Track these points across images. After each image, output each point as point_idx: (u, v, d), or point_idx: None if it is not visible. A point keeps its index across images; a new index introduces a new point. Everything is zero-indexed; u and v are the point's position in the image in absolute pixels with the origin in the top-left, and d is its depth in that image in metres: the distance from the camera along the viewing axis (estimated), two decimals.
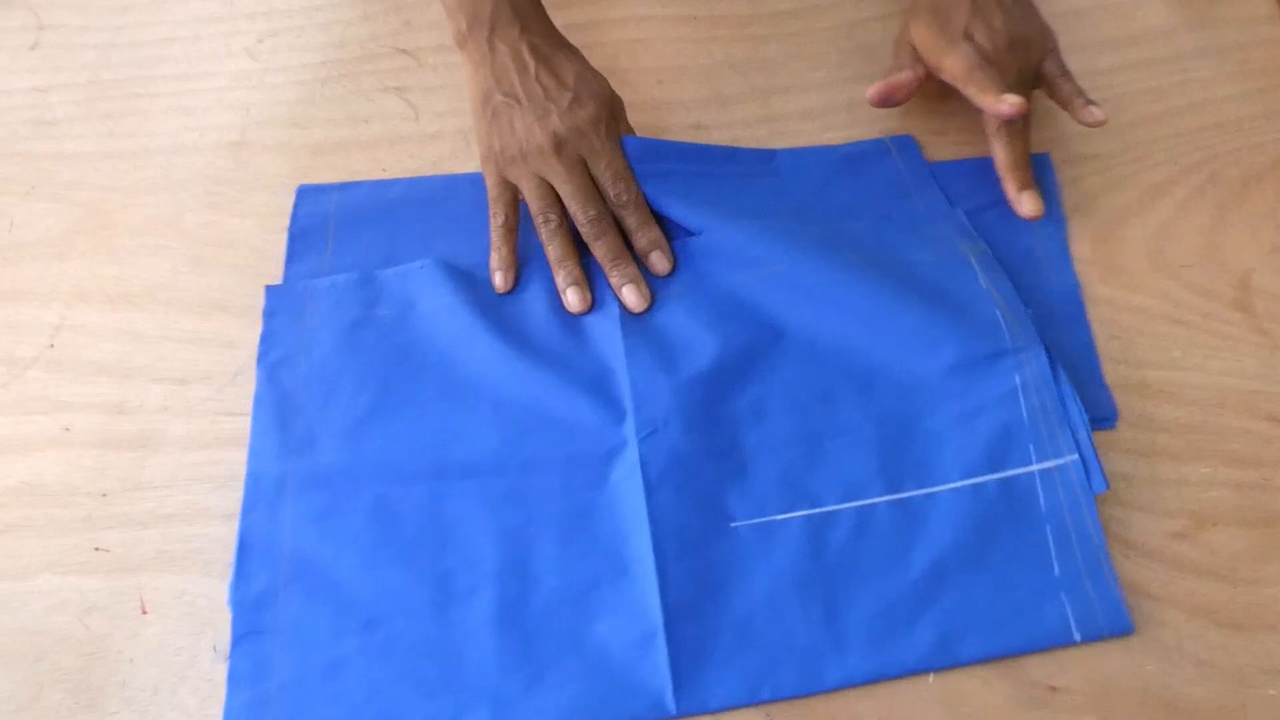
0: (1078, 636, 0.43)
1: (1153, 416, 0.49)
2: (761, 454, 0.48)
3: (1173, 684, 0.43)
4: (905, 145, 0.60)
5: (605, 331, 0.52)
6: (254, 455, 0.50)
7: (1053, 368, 0.49)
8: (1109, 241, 0.56)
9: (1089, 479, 0.46)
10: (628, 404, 0.49)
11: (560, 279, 0.54)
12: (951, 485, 0.47)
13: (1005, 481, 0.47)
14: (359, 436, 0.50)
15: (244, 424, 0.52)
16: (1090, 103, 0.55)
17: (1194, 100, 0.60)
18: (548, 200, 0.55)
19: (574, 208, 0.55)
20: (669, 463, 0.47)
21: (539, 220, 0.55)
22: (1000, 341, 0.49)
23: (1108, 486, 0.46)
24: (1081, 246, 0.56)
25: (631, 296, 0.53)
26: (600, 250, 0.54)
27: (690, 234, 0.55)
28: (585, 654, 0.44)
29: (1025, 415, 0.48)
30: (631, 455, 0.48)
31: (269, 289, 0.56)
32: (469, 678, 0.44)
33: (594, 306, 0.53)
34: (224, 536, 0.49)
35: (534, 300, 0.54)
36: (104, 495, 0.51)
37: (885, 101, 0.58)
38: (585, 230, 0.55)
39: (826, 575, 0.45)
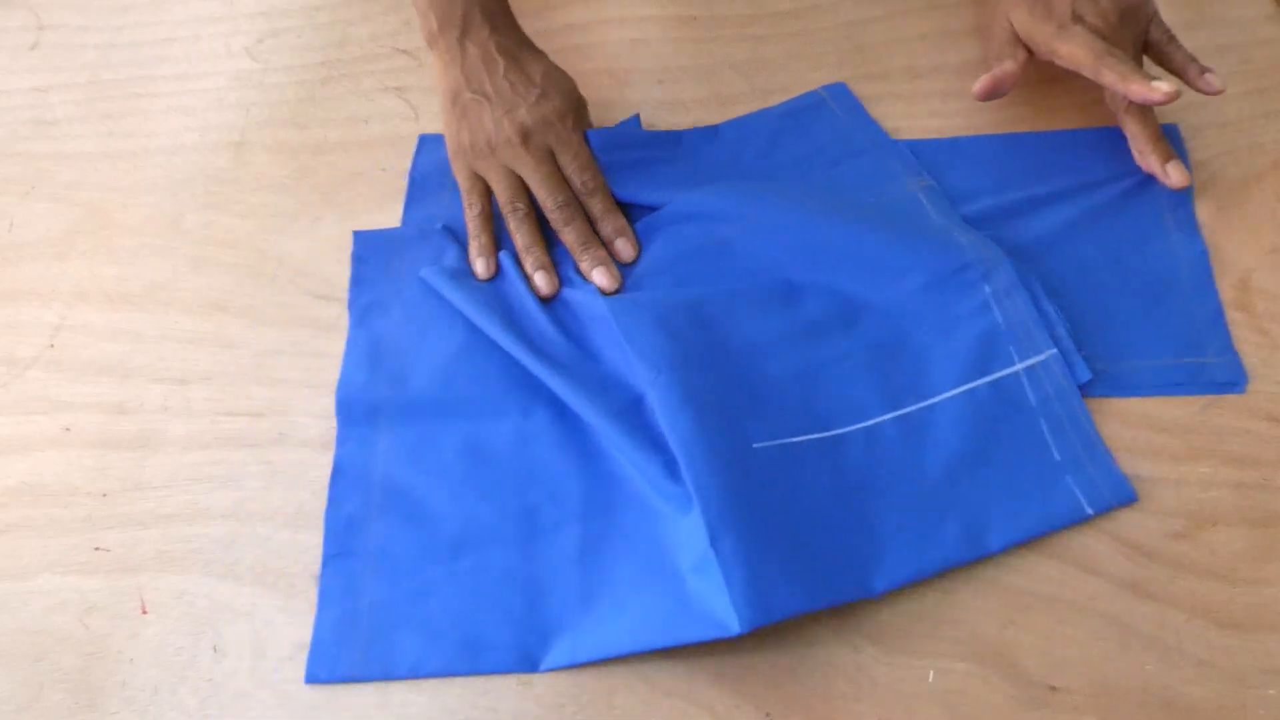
0: (1090, 510, 0.46)
1: (1153, 416, 0.49)
2: (766, 386, 0.50)
3: (1173, 684, 0.43)
4: (839, 93, 0.62)
5: (590, 304, 0.53)
6: (345, 385, 0.53)
7: (1020, 274, 0.51)
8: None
9: (1071, 370, 0.49)
10: (629, 359, 0.50)
11: (528, 264, 0.56)
12: (946, 395, 0.49)
13: (995, 383, 0.49)
14: (450, 374, 0.52)
15: (244, 424, 0.53)
16: (1206, 69, 0.55)
17: (1194, 100, 0.60)
18: (516, 190, 0.57)
19: (542, 195, 0.56)
20: (683, 397, 0.48)
21: (507, 210, 0.57)
22: (963, 256, 0.52)
23: (1090, 375, 0.49)
24: None
25: (602, 278, 0.55)
26: (569, 236, 0.56)
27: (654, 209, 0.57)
28: (659, 583, 0.45)
29: (1001, 320, 0.50)
30: (650, 397, 0.48)
31: (357, 234, 0.58)
32: (552, 608, 0.46)
33: (561, 287, 0.55)
34: (224, 536, 0.49)
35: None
36: (104, 495, 0.51)
37: (992, 94, 0.57)
38: (554, 217, 0.56)
39: (848, 492, 0.47)
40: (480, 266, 0.56)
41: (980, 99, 0.57)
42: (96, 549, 0.50)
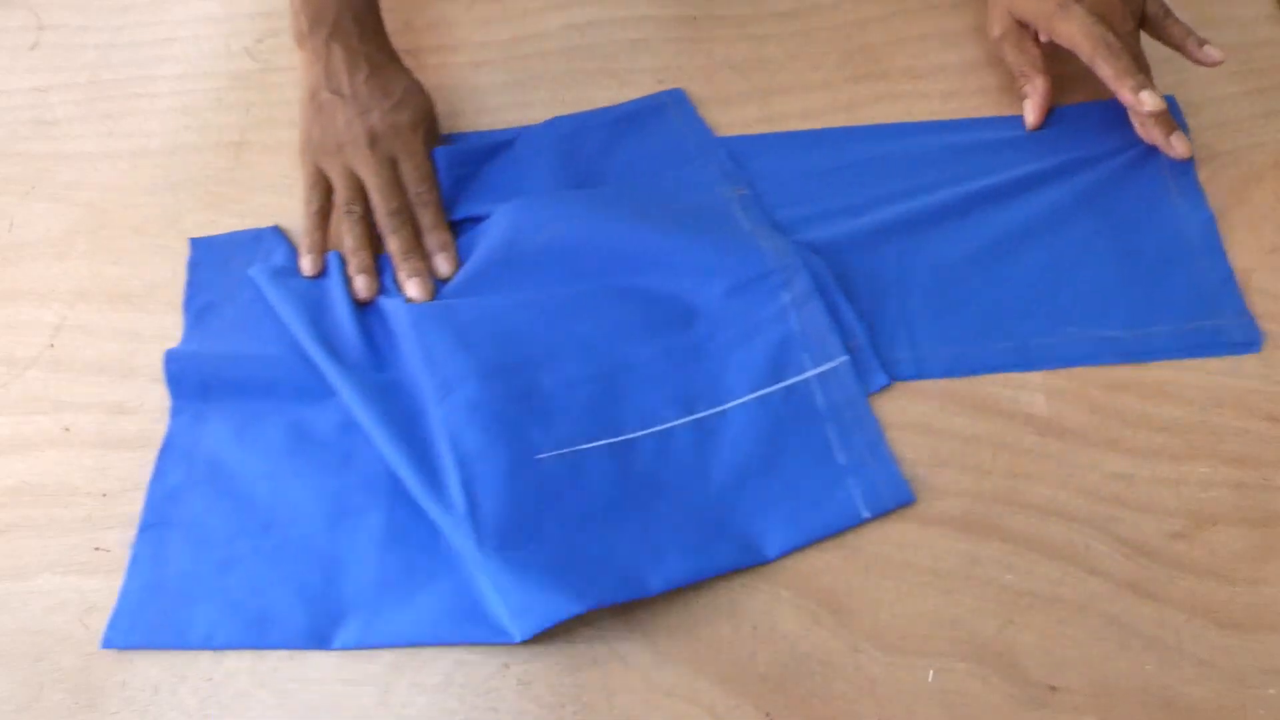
0: (865, 514, 0.47)
1: (1153, 416, 0.49)
2: (561, 394, 0.51)
3: (1172, 684, 0.43)
4: (677, 99, 0.63)
5: (399, 313, 0.54)
6: (176, 358, 0.54)
7: (818, 282, 0.52)
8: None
9: (863, 376, 0.50)
10: (423, 379, 0.51)
11: (352, 267, 0.57)
12: (739, 400, 0.50)
13: (788, 389, 0.50)
14: (281, 358, 0.53)
15: None
16: (1204, 42, 0.55)
17: (1194, 100, 0.60)
18: (354, 192, 0.58)
19: (377, 200, 0.57)
20: (470, 414, 0.49)
21: (343, 210, 0.58)
22: (764, 264, 0.53)
23: (890, 380, 0.50)
24: None
25: (415, 289, 0.55)
26: (394, 243, 0.57)
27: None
28: (453, 579, 0.47)
29: (797, 327, 0.52)
30: (438, 414, 0.50)
31: (193, 241, 0.59)
32: (348, 589, 0.47)
33: (381, 293, 0.56)
34: None
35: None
36: (104, 495, 0.51)
37: (1045, 115, 0.59)
38: (384, 222, 0.57)
39: (633, 496, 0.48)
40: (306, 263, 0.57)
41: (1035, 127, 0.58)
42: (96, 549, 0.50)
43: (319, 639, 0.46)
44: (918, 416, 0.50)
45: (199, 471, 0.51)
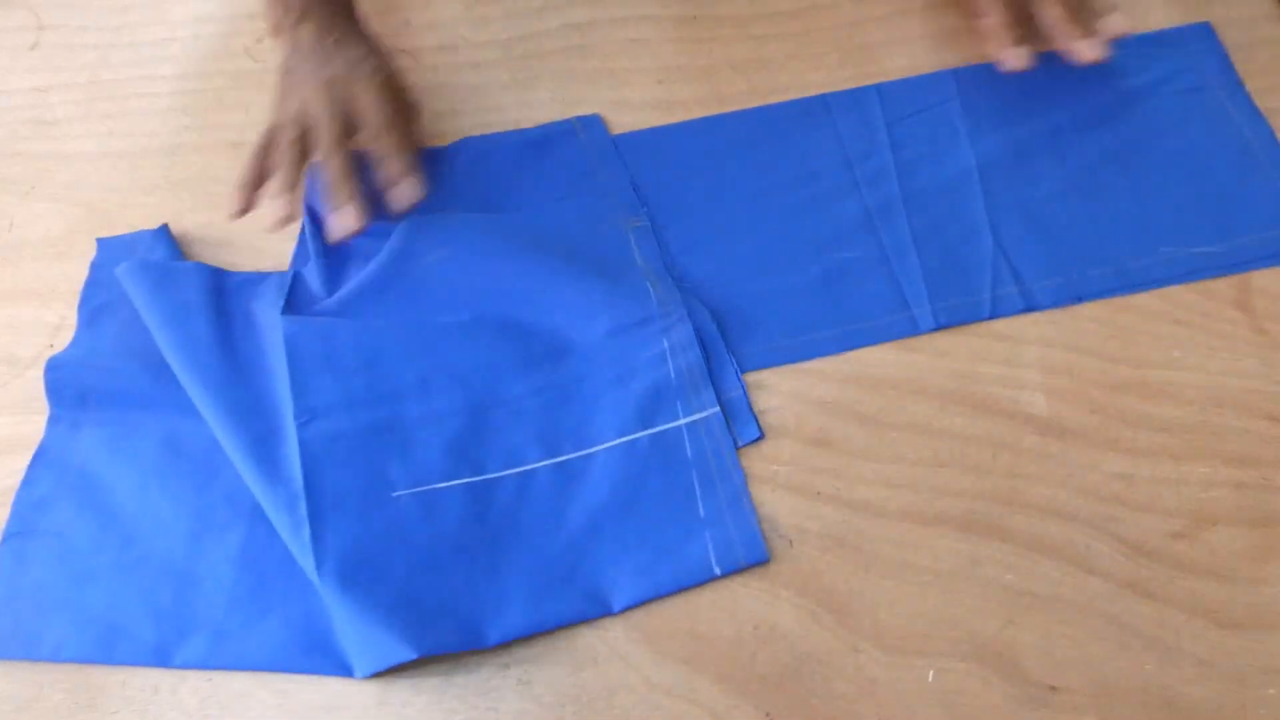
0: (717, 570, 0.46)
1: (1153, 416, 0.49)
2: (426, 427, 0.50)
3: (1172, 684, 0.43)
4: (591, 124, 0.62)
5: (274, 332, 0.53)
6: (57, 365, 0.53)
7: (699, 332, 0.52)
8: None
9: (733, 428, 0.50)
10: (287, 396, 0.50)
11: (274, 186, 0.55)
12: (606, 444, 0.50)
13: (656, 436, 0.50)
14: (161, 371, 0.52)
15: None
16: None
17: None
18: (300, 129, 0.56)
19: (319, 131, 0.56)
20: (329, 445, 0.49)
21: (285, 143, 0.56)
22: (649, 308, 0.53)
23: (761, 434, 0.50)
24: None
25: (347, 219, 0.54)
26: (328, 171, 0.55)
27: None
28: (304, 605, 0.46)
29: (673, 375, 0.51)
30: (293, 441, 0.49)
31: (100, 241, 0.59)
32: (198, 606, 0.47)
33: (255, 302, 0.55)
34: None
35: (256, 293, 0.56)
36: None
37: (1017, 60, 0.58)
38: (321, 150, 0.56)
39: (487, 538, 0.47)
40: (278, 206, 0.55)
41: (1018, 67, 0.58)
42: None
43: (162, 656, 0.46)
44: (920, 417, 0.50)
45: (69, 481, 0.51)
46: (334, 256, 0.57)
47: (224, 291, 0.55)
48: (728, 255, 0.56)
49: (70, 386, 0.53)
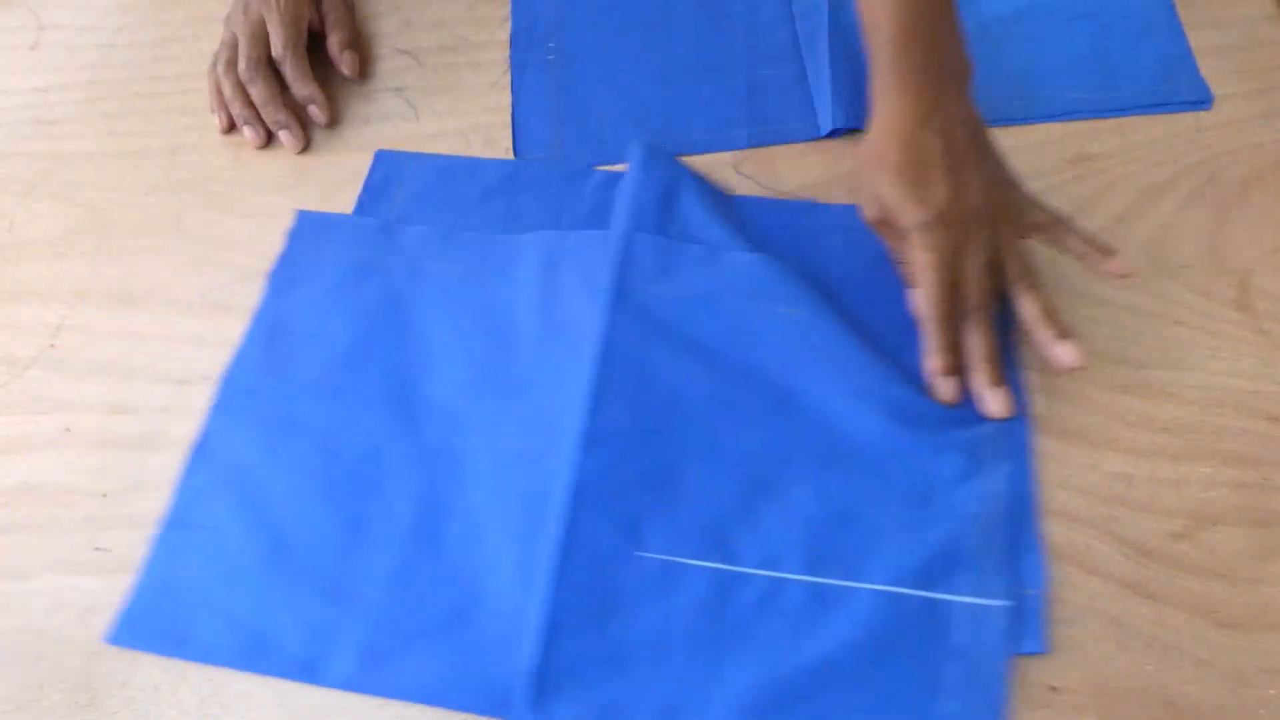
0: None
1: (1153, 416, 0.49)
2: (696, 494, 0.47)
3: (1173, 684, 0.43)
4: None
5: (589, 330, 0.51)
6: (236, 363, 0.53)
7: (1016, 514, 0.46)
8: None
9: (1020, 632, 0.44)
10: (584, 409, 0.49)
11: (233, 114, 0.63)
12: (874, 586, 0.45)
13: (929, 602, 0.44)
14: (330, 370, 0.52)
15: None
16: (1110, 252, 0.49)
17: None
18: (231, 52, 0.63)
19: (240, 54, 0.63)
20: (602, 478, 0.47)
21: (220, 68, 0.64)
22: (973, 467, 0.47)
23: (1045, 649, 0.43)
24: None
25: (287, 140, 0.61)
26: (254, 93, 0.62)
27: (704, 242, 0.54)
28: (462, 636, 0.45)
29: (971, 546, 0.45)
30: (571, 461, 0.47)
31: (300, 213, 0.59)
32: (347, 623, 0.45)
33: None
34: None
35: (527, 288, 0.54)
36: (104, 495, 0.51)
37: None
38: (242, 74, 0.62)
39: (719, 634, 0.44)
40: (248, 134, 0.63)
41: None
42: (96, 549, 0.50)
43: (309, 672, 0.45)
44: None
45: (225, 476, 0.50)
46: (672, 232, 0.54)
47: (520, 254, 0.55)
48: (672, 64, 0.64)
49: (240, 385, 0.53)
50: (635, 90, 0.64)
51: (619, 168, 0.60)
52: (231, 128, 0.63)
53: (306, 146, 0.62)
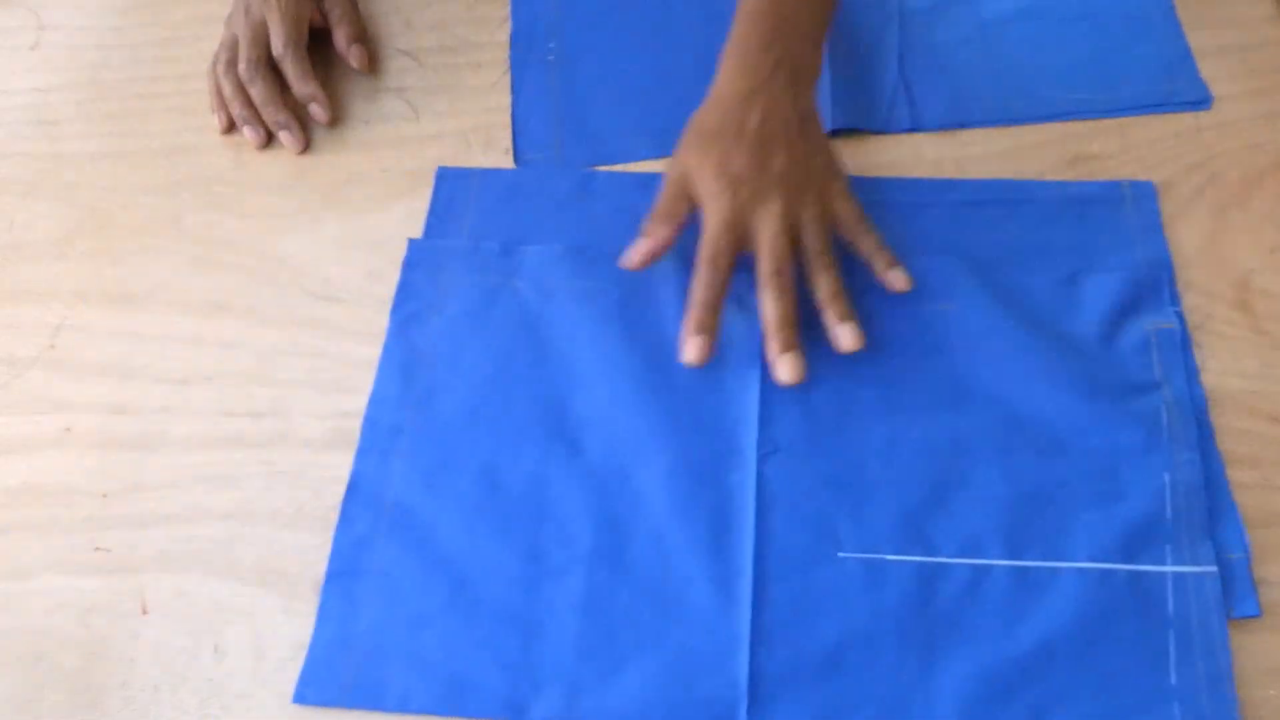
0: None
1: None
2: (883, 490, 0.47)
3: None
4: (1143, 193, 0.56)
5: (746, 342, 0.51)
6: (375, 402, 0.52)
7: (1207, 480, 0.47)
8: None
9: (1227, 596, 0.44)
10: (754, 419, 0.49)
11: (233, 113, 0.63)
12: (1078, 565, 0.45)
13: (1135, 575, 0.44)
14: (478, 399, 0.51)
15: (245, 424, 0.53)
16: (894, 263, 0.52)
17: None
18: (231, 52, 0.64)
19: (240, 55, 0.63)
20: (785, 484, 0.47)
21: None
22: (1157, 436, 0.47)
23: (1259, 612, 0.44)
24: None
25: (287, 140, 0.62)
26: (254, 94, 0.63)
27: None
28: (665, 654, 0.44)
29: (1169, 514, 0.46)
30: (749, 470, 0.48)
31: (412, 242, 0.58)
32: (547, 656, 0.44)
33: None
34: (224, 536, 0.49)
35: (668, 302, 0.53)
36: (104, 495, 0.51)
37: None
38: (242, 74, 0.63)
39: (929, 627, 0.44)
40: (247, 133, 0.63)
41: (632, 267, 0.53)
42: (97, 549, 0.50)
43: (517, 710, 0.43)
44: None
45: (387, 519, 0.48)
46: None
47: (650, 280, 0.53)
48: (672, 64, 0.64)
49: (385, 423, 0.51)
50: (635, 90, 0.64)
51: (635, 167, 0.60)
52: (231, 128, 0.63)
53: (307, 147, 0.62)
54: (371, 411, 0.52)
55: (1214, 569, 0.44)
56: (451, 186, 0.60)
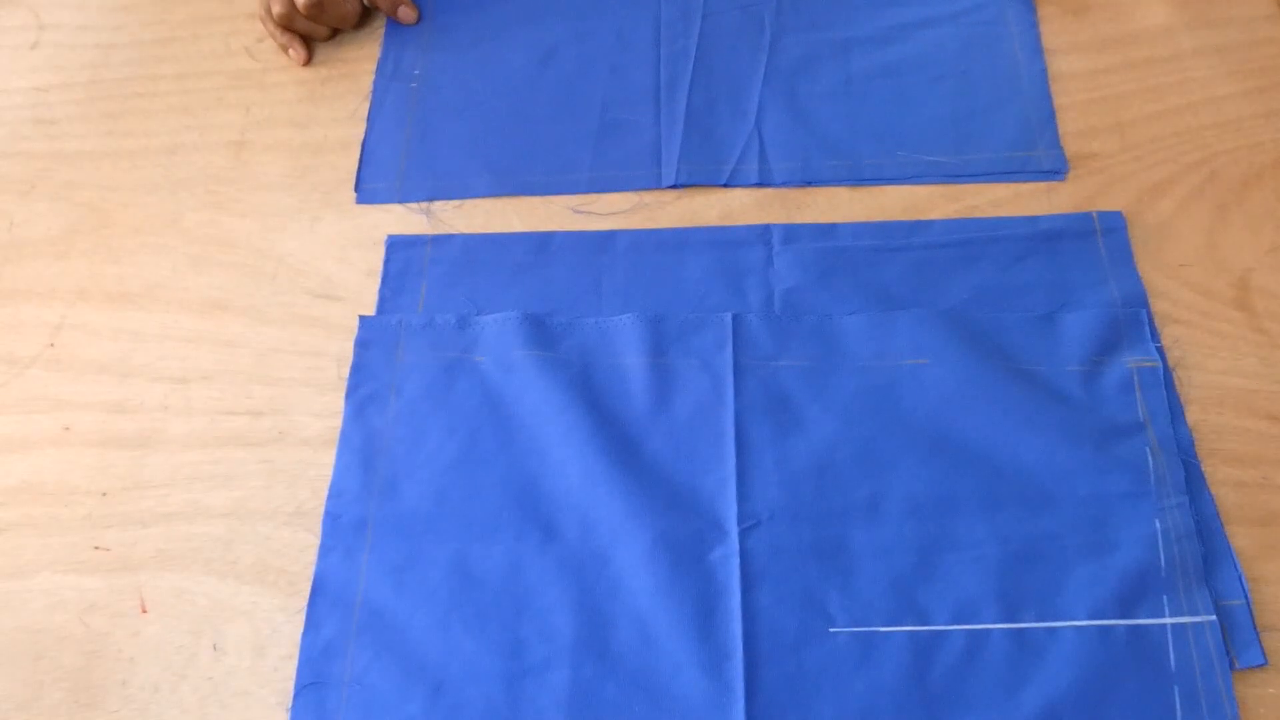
0: None
1: None
2: (871, 557, 0.46)
3: None
4: (1113, 224, 0.55)
5: (716, 411, 0.50)
6: (335, 495, 0.49)
7: (1200, 524, 0.46)
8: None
9: (1230, 645, 0.43)
10: (732, 491, 0.48)
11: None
12: (1075, 623, 0.43)
13: (1135, 629, 0.43)
14: (444, 486, 0.49)
15: (244, 423, 0.53)
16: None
17: (1194, 100, 0.60)
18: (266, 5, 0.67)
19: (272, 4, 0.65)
20: (770, 558, 0.46)
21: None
22: (1144, 482, 0.46)
23: (1265, 661, 0.43)
24: None
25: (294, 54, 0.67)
26: (277, 12, 0.65)
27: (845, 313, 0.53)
28: None
29: (1162, 563, 0.44)
30: (731, 546, 0.46)
31: (363, 319, 0.55)
32: None
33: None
34: (223, 535, 0.49)
35: (634, 370, 0.52)
36: (104, 494, 0.51)
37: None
38: (279, 16, 0.65)
39: (927, 699, 0.42)
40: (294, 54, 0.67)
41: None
42: (96, 548, 0.50)
43: None
44: None
45: (355, 621, 0.46)
46: (787, 311, 0.53)
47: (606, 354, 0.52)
48: (531, 99, 0.63)
49: (347, 517, 0.49)
50: (487, 126, 0.62)
51: (474, 204, 0.59)
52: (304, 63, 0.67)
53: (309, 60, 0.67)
54: (332, 505, 0.49)
55: (1213, 618, 0.43)
56: (404, 255, 0.57)
